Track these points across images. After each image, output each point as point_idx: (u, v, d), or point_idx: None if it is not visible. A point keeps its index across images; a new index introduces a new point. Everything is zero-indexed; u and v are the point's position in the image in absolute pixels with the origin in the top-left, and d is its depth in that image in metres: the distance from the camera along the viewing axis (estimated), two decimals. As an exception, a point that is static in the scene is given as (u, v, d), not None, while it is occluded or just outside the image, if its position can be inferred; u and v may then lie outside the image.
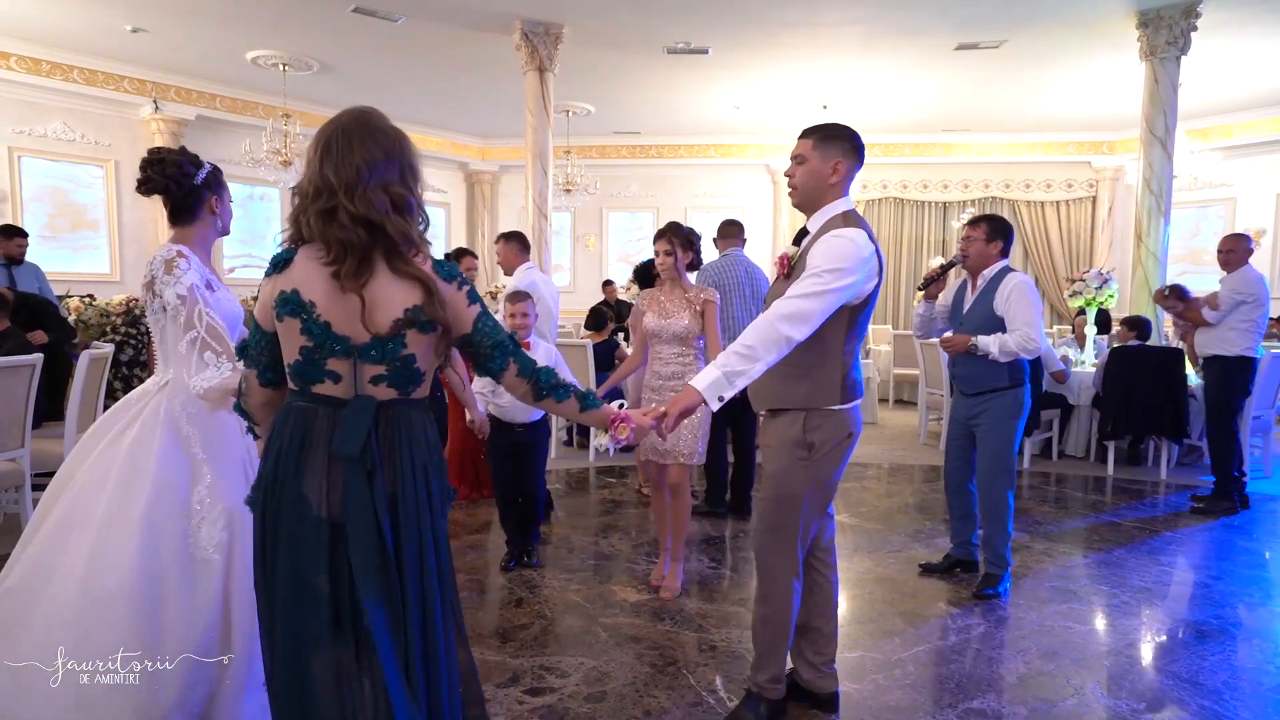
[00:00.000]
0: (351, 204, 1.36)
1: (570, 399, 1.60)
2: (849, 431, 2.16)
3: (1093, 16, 6.75)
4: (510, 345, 1.54)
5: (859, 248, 2.01)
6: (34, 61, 7.93)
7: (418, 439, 1.47)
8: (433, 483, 1.49)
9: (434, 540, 1.48)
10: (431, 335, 1.43)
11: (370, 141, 1.40)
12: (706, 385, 1.86)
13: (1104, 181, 11.24)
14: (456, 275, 1.49)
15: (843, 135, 2.11)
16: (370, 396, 1.42)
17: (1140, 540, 4.17)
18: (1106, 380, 5.69)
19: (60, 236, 8.52)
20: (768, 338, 1.90)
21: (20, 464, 3.61)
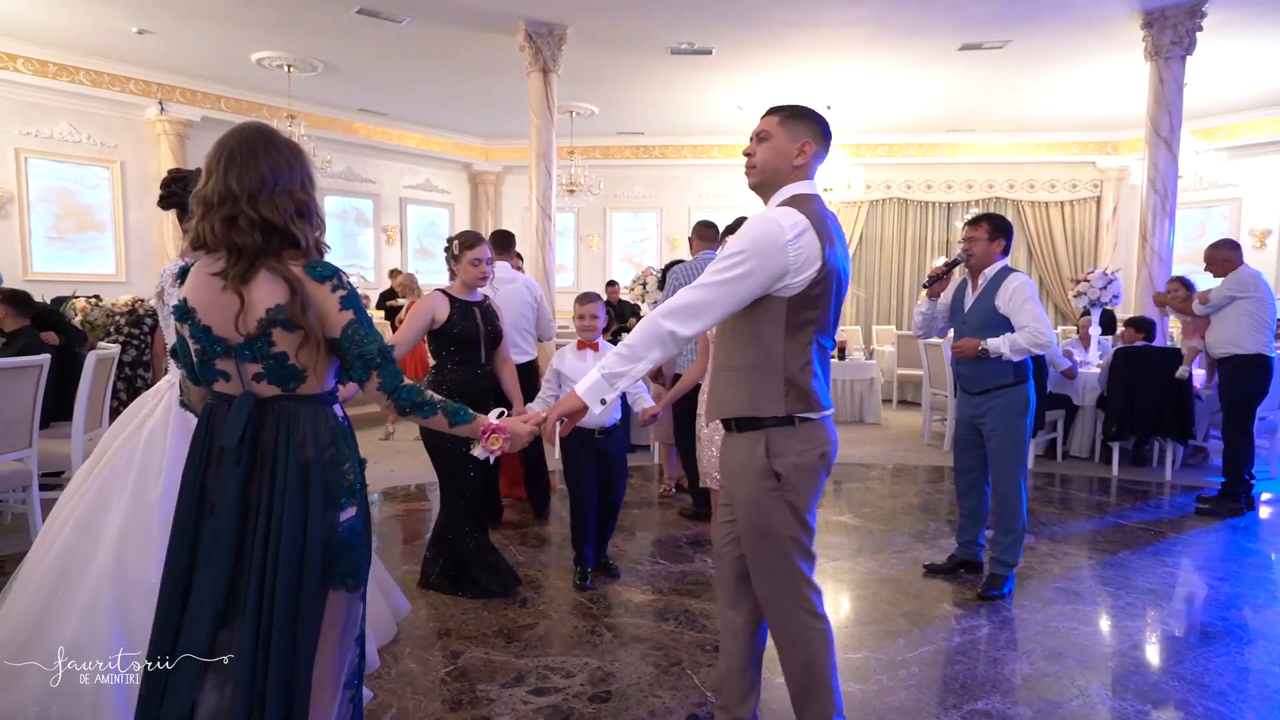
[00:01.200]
0: (254, 210, 1.44)
1: (437, 415, 1.59)
2: (821, 450, 1.87)
3: (1097, 16, 6.73)
4: (376, 359, 1.51)
5: (777, 229, 1.74)
6: (40, 63, 7.97)
7: (301, 436, 1.49)
8: (313, 480, 1.47)
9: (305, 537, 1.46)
10: (299, 334, 1.46)
11: (274, 151, 1.49)
12: (586, 389, 1.74)
13: (1108, 182, 11.21)
14: (331, 277, 1.49)
15: (812, 116, 1.90)
16: (252, 393, 1.50)
17: (1145, 541, 4.16)
18: (1111, 381, 5.68)
19: (66, 237, 8.56)
20: (648, 334, 1.74)
21: (28, 464, 3.63)
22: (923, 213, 11.85)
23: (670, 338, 1.73)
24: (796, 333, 1.82)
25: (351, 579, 1.52)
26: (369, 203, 11.38)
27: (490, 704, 2.40)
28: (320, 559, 1.47)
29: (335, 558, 1.49)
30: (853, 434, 7.29)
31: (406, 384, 1.56)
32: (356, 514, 1.53)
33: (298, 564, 1.46)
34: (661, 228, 12.37)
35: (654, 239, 12.47)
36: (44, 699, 2.03)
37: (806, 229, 1.75)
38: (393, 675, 2.55)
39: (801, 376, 1.83)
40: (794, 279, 1.76)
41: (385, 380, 1.53)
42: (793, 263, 1.74)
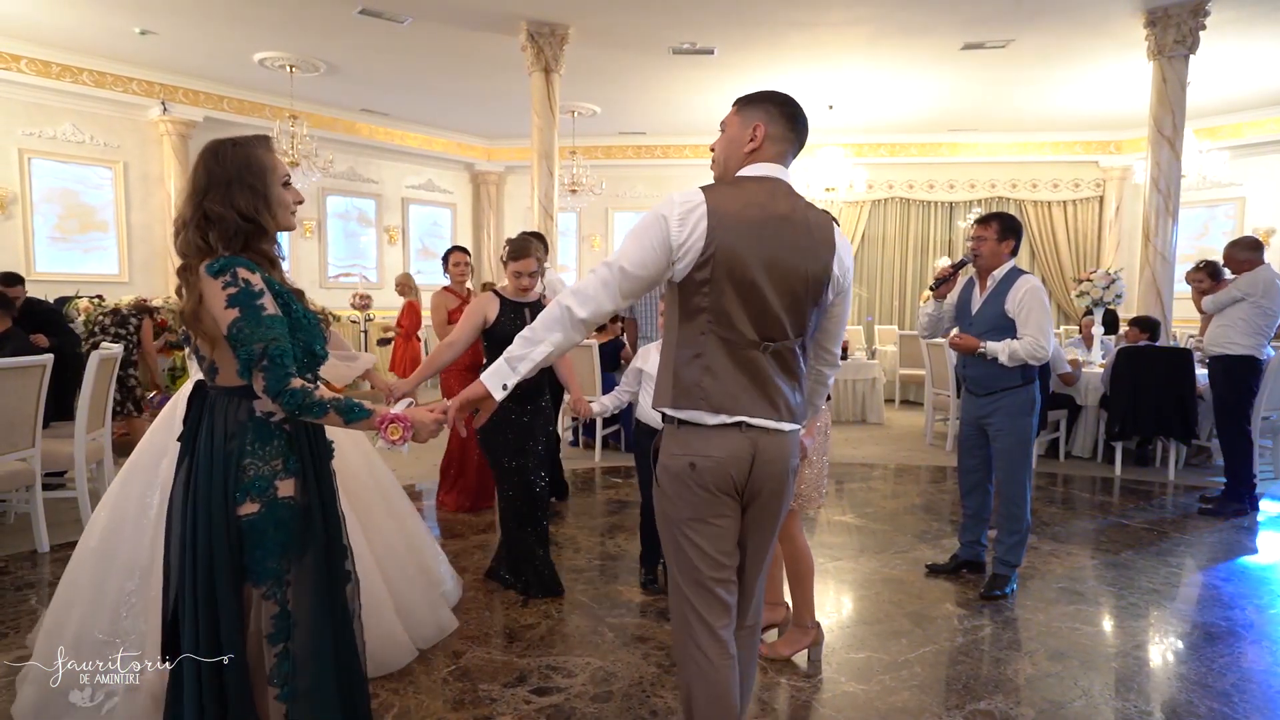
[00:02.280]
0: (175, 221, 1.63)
1: (329, 414, 1.56)
2: (689, 460, 1.65)
3: (1100, 16, 6.72)
4: (259, 359, 1.50)
5: (665, 206, 1.63)
6: (43, 64, 7.98)
7: (217, 424, 1.58)
8: (215, 470, 1.56)
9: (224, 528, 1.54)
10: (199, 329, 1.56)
11: (202, 165, 1.61)
12: (489, 374, 1.67)
13: (1111, 181, 11.18)
14: (223, 273, 1.53)
15: (771, 99, 1.76)
16: (199, 380, 1.68)
17: (1148, 542, 4.15)
18: (1114, 381, 5.67)
19: (70, 238, 8.57)
20: (549, 315, 1.66)
21: (31, 464, 3.64)
22: (925, 212, 11.83)
23: (568, 316, 1.64)
24: (688, 321, 1.67)
25: (253, 576, 1.55)
26: (371, 203, 11.38)
27: (492, 704, 2.40)
28: (225, 549, 1.54)
29: (236, 552, 1.55)
30: (855, 434, 7.29)
31: (292, 387, 1.52)
32: (259, 511, 1.55)
33: (205, 551, 1.54)
34: (663, 228, 12.36)
35: (656, 239, 12.45)
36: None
37: (696, 207, 1.62)
38: (395, 675, 2.55)
39: (688, 369, 1.66)
40: (679, 262, 1.63)
41: (269, 382, 1.51)
42: (675, 240, 1.61)
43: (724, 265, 1.61)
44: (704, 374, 1.65)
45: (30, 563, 3.59)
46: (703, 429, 1.66)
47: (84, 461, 3.92)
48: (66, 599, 2.32)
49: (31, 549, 3.71)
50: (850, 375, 7.88)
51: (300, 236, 10.42)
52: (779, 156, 1.74)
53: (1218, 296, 4.74)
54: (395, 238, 11.68)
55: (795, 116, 1.75)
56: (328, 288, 10.54)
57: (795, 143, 1.76)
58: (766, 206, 1.66)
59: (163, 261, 9.04)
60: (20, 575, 3.44)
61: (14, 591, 3.25)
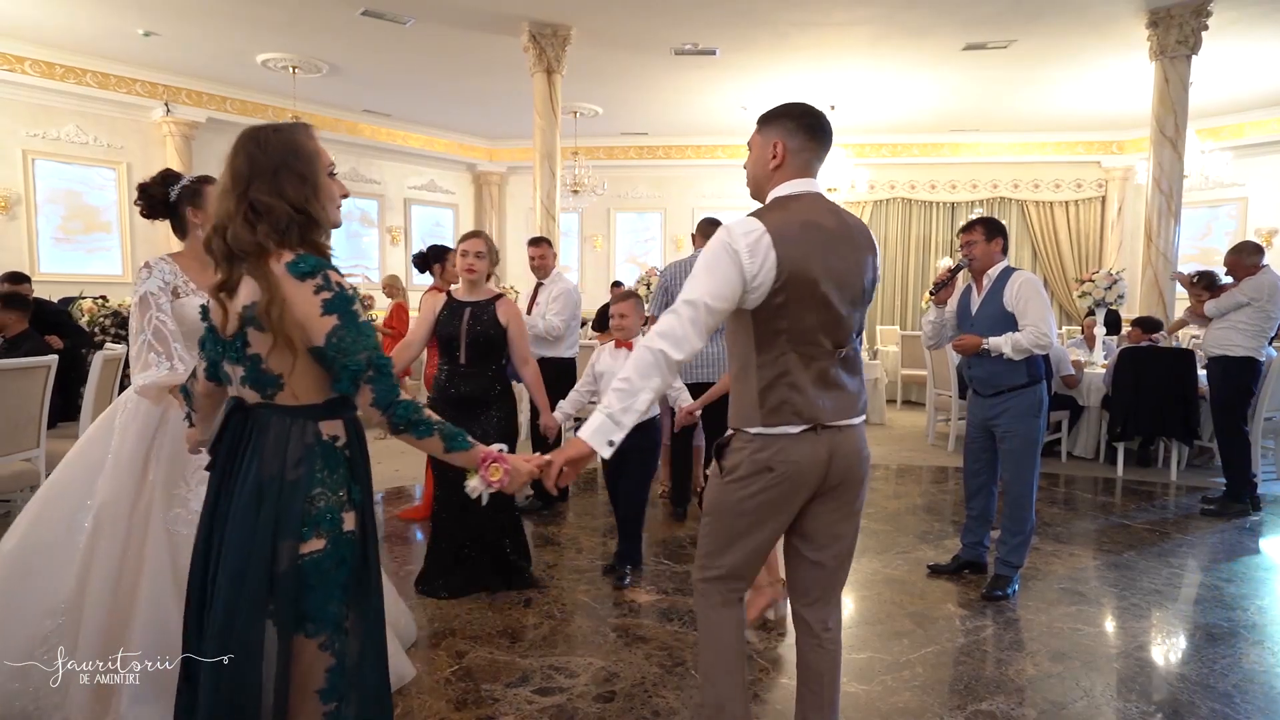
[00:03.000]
0: (214, 214, 1.43)
1: (433, 436, 1.44)
2: (767, 465, 1.73)
3: (1102, 16, 6.72)
4: (366, 371, 1.36)
5: (725, 235, 1.69)
6: (47, 65, 8.02)
7: (267, 448, 1.36)
8: (265, 501, 1.34)
9: (250, 565, 1.32)
10: (270, 336, 1.35)
11: (240, 153, 1.42)
12: (591, 433, 1.66)
13: (1113, 181, 11.18)
14: (314, 274, 1.36)
15: (788, 114, 1.81)
16: (238, 397, 1.45)
17: (1150, 542, 4.15)
18: (1116, 381, 5.67)
19: (73, 239, 8.61)
20: (644, 362, 1.68)
21: (35, 464, 3.65)
22: (927, 213, 11.83)
23: (664, 360, 1.67)
24: (768, 345, 1.73)
25: (311, 624, 1.34)
26: (373, 203, 11.41)
27: (495, 704, 2.40)
28: (265, 591, 1.31)
29: (288, 596, 1.32)
30: (857, 434, 7.28)
31: (403, 399, 1.41)
32: (325, 550, 1.35)
33: (232, 589, 1.32)
34: (665, 228, 12.38)
35: (658, 239, 12.47)
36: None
37: (760, 236, 1.67)
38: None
39: (774, 390, 1.73)
40: (753, 289, 1.68)
41: (378, 395, 1.38)
42: (747, 271, 1.66)
43: (798, 287, 1.69)
44: (791, 391, 1.73)
45: (35, 563, 3.60)
46: (786, 436, 1.74)
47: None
48: None
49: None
50: (852, 376, 7.86)
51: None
52: (805, 168, 1.81)
53: (1220, 301, 4.73)
54: (398, 238, 11.71)
55: (813, 126, 1.81)
56: (330, 288, 10.56)
57: (819, 152, 1.82)
58: (818, 223, 1.74)
59: (166, 262, 9.06)
60: (25, 575, 3.44)
61: (19, 591, 3.26)
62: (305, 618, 1.33)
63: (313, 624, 1.34)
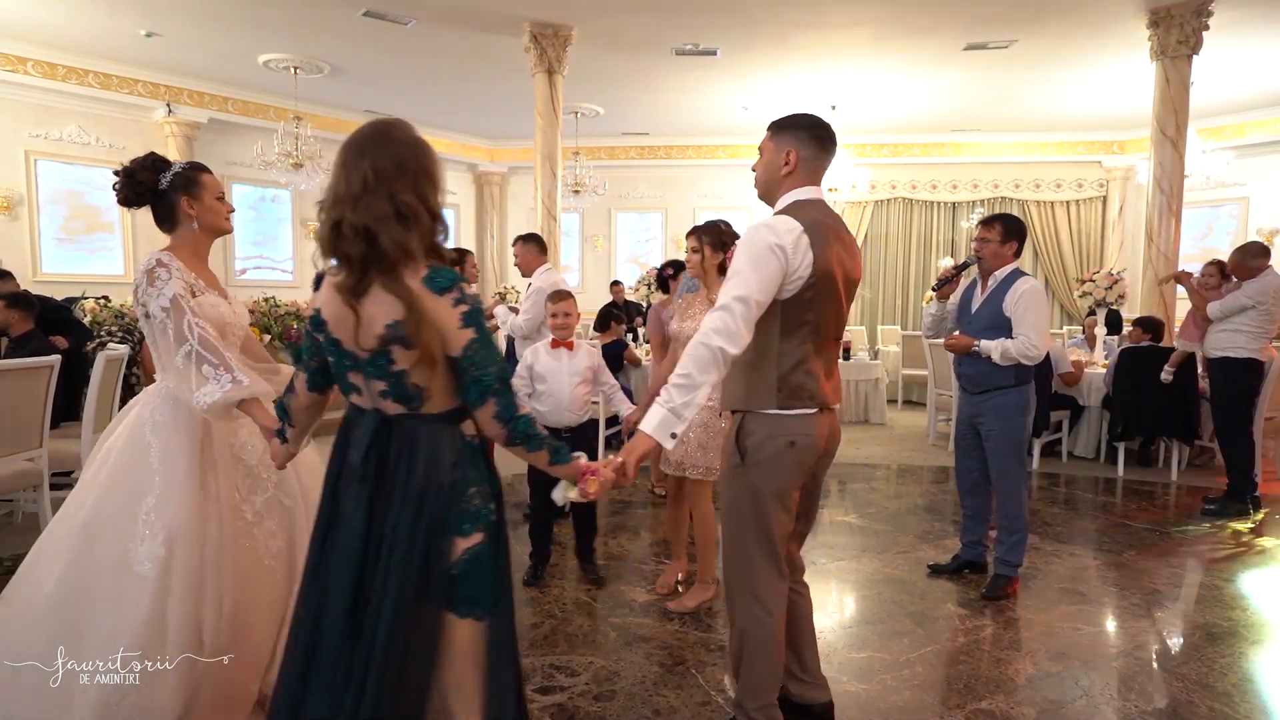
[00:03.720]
0: (353, 214, 1.35)
1: (542, 450, 1.50)
2: (790, 440, 1.93)
3: (1103, 16, 6.72)
4: (495, 384, 1.41)
5: (772, 236, 1.83)
6: (50, 66, 8.04)
7: (422, 457, 1.41)
8: (429, 503, 1.40)
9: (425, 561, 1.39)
10: (416, 351, 1.37)
11: (382, 151, 1.38)
12: (655, 426, 1.76)
13: (1114, 181, 11.18)
14: (451, 288, 1.39)
15: (800, 124, 1.97)
16: (379, 410, 1.45)
17: (1150, 542, 4.16)
18: (1117, 381, 5.67)
19: (75, 239, 8.63)
20: (703, 359, 1.79)
21: (39, 464, 3.66)
22: (928, 213, 11.84)
23: (721, 355, 1.80)
24: (792, 334, 1.91)
25: (479, 607, 1.44)
26: (375, 204, 11.42)
27: None
28: (439, 585, 1.41)
29: (457, 585, 1.42)
30: (858, 434, 7.29)
31: (524, 413, 1.46)
32: (483, 541, 1.45)
33: (405, 590, 1.39)
34: (666, 228, 12.38)
35: (659, 239, 12.48)
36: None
37: (800, 235, 1.85)
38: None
39: (794, 375, 1.93)
40: (789, 284, 1.86)
41: (501, 408, 1.42)
42: (790, 267, 1.84)
43: (824, 283, 1.90)
44: (807, 377, 1.94)
45: (38, 562, 3.61)
46: (805, 416, 1.96)
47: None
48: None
49: (39, 548, 3.73)
50: (853, 375, 7.89)
51: (304, 238, 10.46)
52: (812, 176, 1.99)
53: (1225, 304, 4.69)
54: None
55: (823, 138, 1.99)
56: (332, 288, 10.58)
57: (825, 161, 2.01)
58: (831, 225, 1.94)
59: (168, 262, 9.08)
60: (28, 574, 3.46)
61: (22, 590, 3.28)
62: (472, 603, 1.43)
63: (479, 608, 1.44)
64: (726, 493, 2.03)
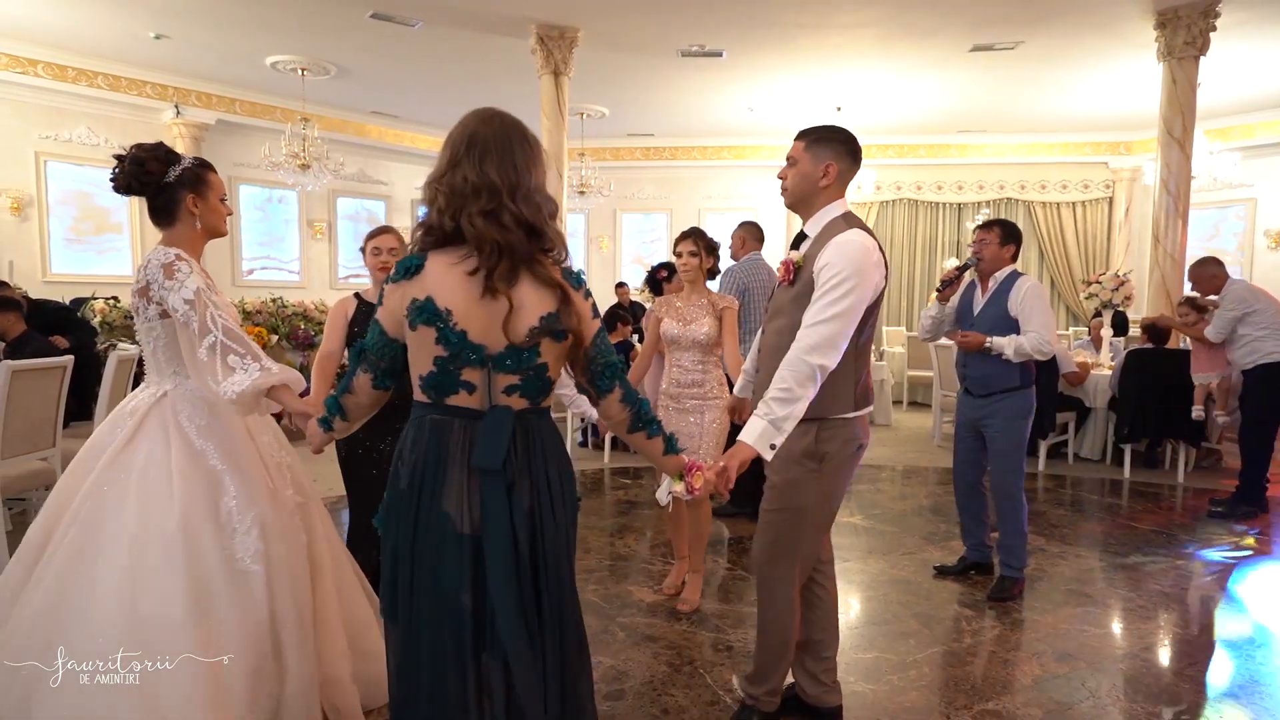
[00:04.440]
0: (515, 205, 1.35)
1: (659, 438, 1.56)
2: (860, 442, 2.13)
3: (1110, 17, 6.71)
4: (620, 368, 1.51)
5: (866, 251, 1.97)
6: (60, 68, 8.08)
7: (551, 449, 1.46)
8: (566, 493, 1.48)
9: (568, 551, 1.49)
10: (563, 344, 1.41)
11: (527, 147, 1.40)
12: (756, 438, 1.86)
13: (1121, 182, 11.15)
14: (583, 284, 1.45)
15: (836, 138, 2.05)
16: (508, 407, 1.39)
17: (1157, 544, 4.16)
18: (1123, 383, 5.67)
19: (84, 239, 8.67)
20: (801, 374, 1.89)
21: (52, 463, 3.70)
22: (933, 214, 11.83)
23: (821, 371, 1.91)
24: (863, 342, 2.08)
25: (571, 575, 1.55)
26: (381, 204, 11.46)
27: None
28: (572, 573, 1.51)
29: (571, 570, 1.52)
30: (863, 435, 7.29)
31: (643, 397, 1.54)
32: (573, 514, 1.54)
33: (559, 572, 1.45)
34: (671, 229, 12.38)
35: (664, 240, 12.48)
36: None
37: (877, 248, 2.02)
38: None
39: (863, 380, 2.12)
40: (877, 291, 2.02)
41: (626, 391, 1.51)
42: (879, 280, 2.00)
43: (881, 293, 2.06)
44: (868, 379, 2.16)
45: (50, 560, 3.65)
46: (862, 418, 2.14)
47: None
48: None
49: (51, 547, 3.77)
50: (858, 377, 7.87)
51: (311, 238, 10.51)
52: (843, 190, 2.11)
53: (1217, 324, 4.73)
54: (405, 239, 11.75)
55: (856, 154, 2.10)
56: (338, 289, 10.62)
57: (853, 176, 2.14)
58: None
59: (176, 263, 9.14)
60: (41, 573, 3.50)
61: (36, 589, 3.31)
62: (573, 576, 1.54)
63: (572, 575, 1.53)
64: (792, 497, 2.10)
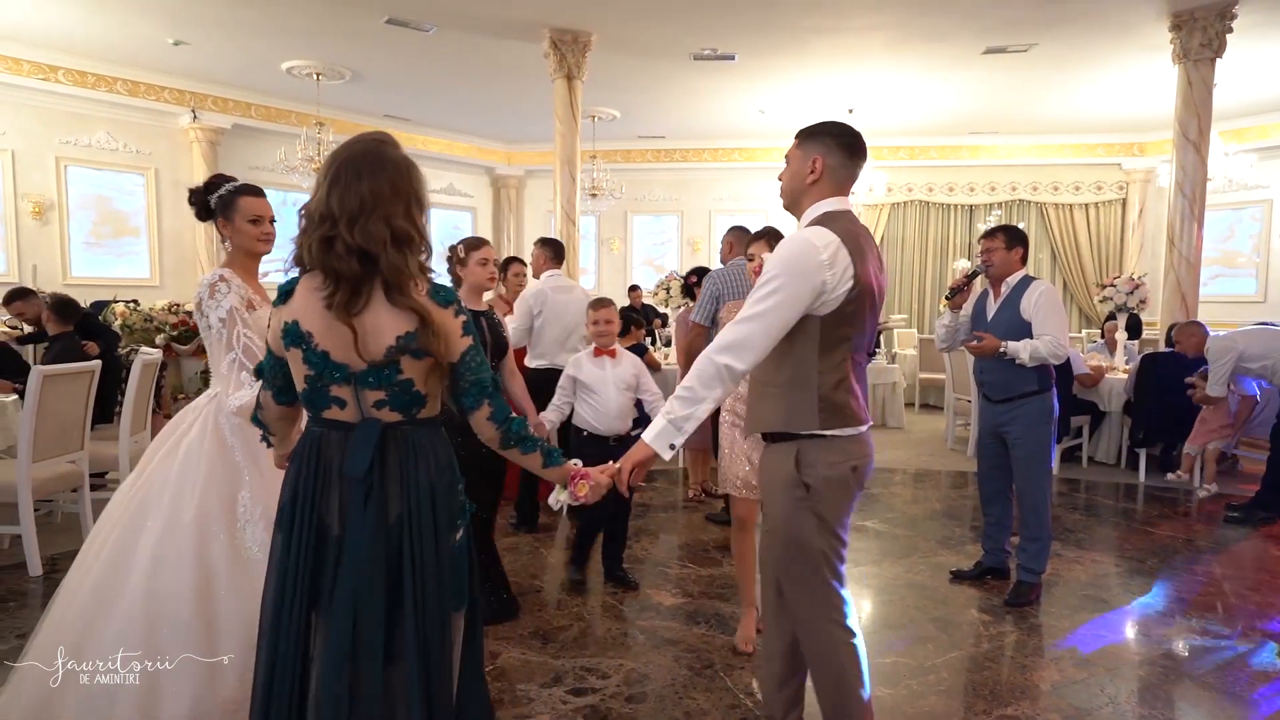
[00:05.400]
0: (350, 235, 1.38)
1: (536, 453, 1.59)
2: (852, 465, 1.88)
3: (1125, 19, 6.70)
4: (489, 387, 1.53)
5: (810, 249, 1.76)
6: (80, 74, 8.20)
7: (425, 460, 1.49)
8: (439, 503, 1.49)
9: (438, 561, 1.49)
10: (426, 361, 1.45)
11: (379, 173, 1.41)
12: (654, 436, 1.76)
13: (1135, 184, 11.10)
14: (454, 301, 1.50)
15: (827, 131, 1.90)
16: (376, 419, 1.47)
17: (1174, 549, 4.16)
18: (1139, 386, 5.66)
19: (104, 243, 8.79)
20: (706, 374, 1.76)
21: (80, 465, 3.77)
22: (945, 215, 11.81)
23: (727, 372, 1.76)
24: (831, 350, 1.83)
25: (458, 599, 1.54)
26: (394, 207, 11.55)
27: (530, 703, 2.47)
28: (442, 579, 1.49)
29: (451, 580, 1.51)
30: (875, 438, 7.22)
31: (515, 415, 1.57)
32: (464, 535, 1.56)
33: (438, 589, 1.47)
34: (682, 231, 12.42)
35: (675, 242, 12.52)
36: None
37: (839, 247, 1.77)
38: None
39: (836, 394, 1.84)
40: (829, 297, 1.77)
41: (496, 409, 1.53)
42: (828, 281, 1.75)
43: (862, 295, 1.82)
44: (848, 395, 1.87)
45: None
46: (855, 437, 1.90)
47: (128, 463, 4.05)
48: (51, 639, 2.05)
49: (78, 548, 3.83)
50: (870, 379, 7.89)
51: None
52: (840, 187, 1.90)
53: (1213, 380, 4.89)
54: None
55: (851, 146, 1.90)
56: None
57: (853, 170, 1.91)
58: (861, 236, 1.86)
59: (192, 266, 9.25)
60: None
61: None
62: (458, 594, 1.54)
63: (458, 599, 1.54)
64: (786, 526, 1.89)
